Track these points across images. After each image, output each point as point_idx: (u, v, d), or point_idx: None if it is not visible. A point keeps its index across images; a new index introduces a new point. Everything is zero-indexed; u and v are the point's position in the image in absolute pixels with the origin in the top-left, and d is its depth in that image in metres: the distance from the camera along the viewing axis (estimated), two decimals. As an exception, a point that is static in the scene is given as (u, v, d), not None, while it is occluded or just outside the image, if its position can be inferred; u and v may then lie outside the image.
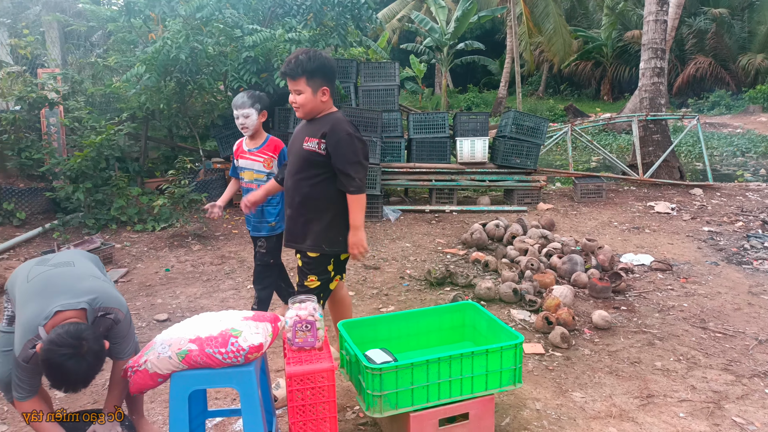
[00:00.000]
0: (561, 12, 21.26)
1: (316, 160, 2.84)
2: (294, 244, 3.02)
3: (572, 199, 8.03)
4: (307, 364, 2.37)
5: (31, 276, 2.33)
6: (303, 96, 2.81)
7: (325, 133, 2.80)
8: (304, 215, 2.92)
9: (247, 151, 3.68)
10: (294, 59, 2.77)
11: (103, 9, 7.52)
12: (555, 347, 3.70)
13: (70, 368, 2.01)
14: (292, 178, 2.95)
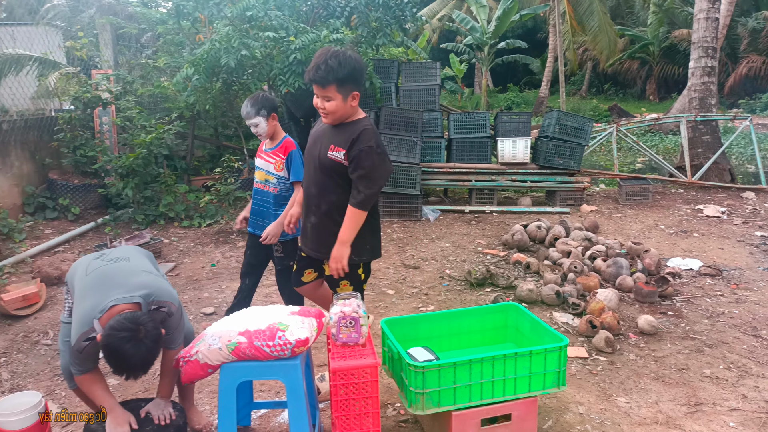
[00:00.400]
0: (606, 10, 20.78)
1: (341, 170, 2.70)
2: (319, 254, 2.87)
3: (617, 201, 7.86)
4: (351, 359, 2.41)
5: (90, 270, 2.43)
6: (333, 103, 2.62)
7: (352, 142, 2.64)
8: (331, 224, 2.78)
9: (264, 151, 3.58)
10: (323, 65, 2.55)
11: (153, 11, 7.77)
12: (599, 351, 3.65)
13: (129, 351, 2.09)
14: (315, 186, 2.80)
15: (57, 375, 3.41)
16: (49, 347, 3.78)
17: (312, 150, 2.82)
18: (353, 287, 2.90)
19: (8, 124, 6.22)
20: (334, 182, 2.74)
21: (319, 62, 2.57)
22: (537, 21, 26.02)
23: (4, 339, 3.89)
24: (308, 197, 2.87)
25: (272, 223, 3.47)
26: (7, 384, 3.33)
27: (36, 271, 4.83)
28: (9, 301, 4.15)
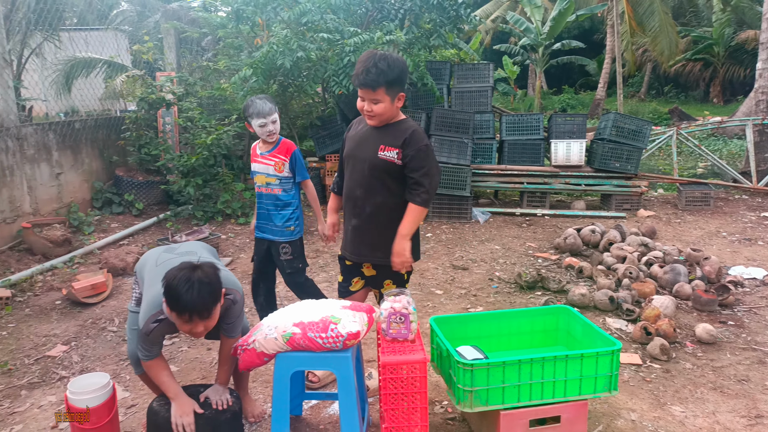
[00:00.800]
0: (667, 9, 20.05)
1: (392, 170, 2.70)
2: (361, 256, 2.88)
3: (676, 206, 7.60)
4: (401, 354, 2.45)
5: (160, 261, 2.58)
6: (382, 105, 2.63)
7: (404, 142, 2.66)
8: (375, 226, 2.79)
9: (260, 155, 3.50)
10: (373, 67, 2.56)
11: (214, 16, 8.06)
12: (653, 359, 3.56)
13: (193, 282, 2.14)
14: (361, 188, 2.78)
15: (122, 360, 3.61)
16: (115, 333, 4.00)
17: (356, 152, 2.80)
18: (396, 286, 2.92)
19: (80, 124, 6.60)
20: (382, 183, 2.74)
21: (368, 66, 2.58)
22: (594, 21, 25.36)
23: (75, 324, 4.14)
24: (351, 200, 2.84)
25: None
26: (78, 366, 3.55)
27: (103, 262, 5.11)
28: (79, 290, 4.42)
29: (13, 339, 3.91)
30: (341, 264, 3.05)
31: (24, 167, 5.64)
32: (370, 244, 2.83)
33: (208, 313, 2.23)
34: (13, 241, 5.42)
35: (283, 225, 3.51)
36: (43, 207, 5.90)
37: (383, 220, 2.78)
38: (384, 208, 2.77)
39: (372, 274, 2.94)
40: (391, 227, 2.77)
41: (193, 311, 2.17)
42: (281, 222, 3.51)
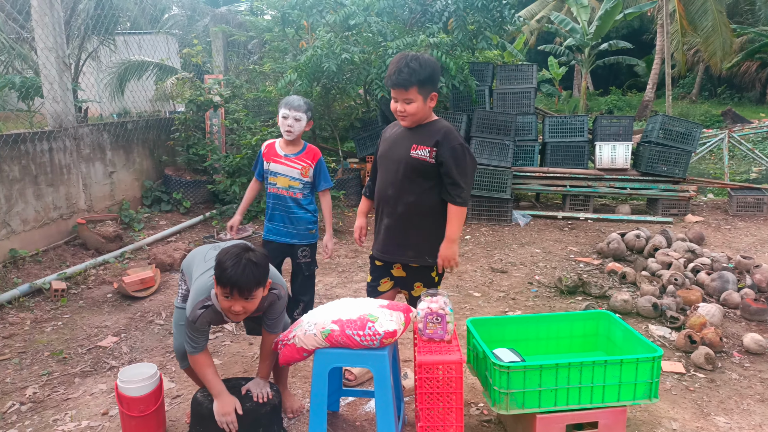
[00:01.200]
0: (722, 8, 19.31)
1: (424, 169, 2.73)
2: (392, 256, 2.91)
3: (726, 212, 7.34)
4: (438, 354, 2.48)
5: (208, 257, 2.68)
6: (414, 105, 2.68)
7: (437, 142, 2.70)
8: (407, 225, 2.82)
9: (284, 156, 3.45)
10: (405, 67, 2.62)
11: (261, 20, 8.25)
12: (697, 368, 3.46)
13: (242, 258, 2.25)
14: (393, 187, 2.81)
15: (168, 352, 3.75)
16: (162, 327, 4.16)
17: (389, 153, 2.86)
18: (426, 289, 2.94)
19: (132, 124, 6.88)
20: (414, 183, 2.77)
21: (400, 66, 2.64)
22: (643, 20, 24.66)
23: (125, 317, 4.33)
24: (383, 199, 2.88)
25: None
26: (127, 356, 3.72)
27: (151, 258, 5.32)
28: (129, 284, 4.61)
29: (68, 329, 4.12)
30: (371, 264, 3.09)
31: (80, 166, 5.92)
32: (401, 244, 2.86)
33: (249, 293, 2.29)
34: (68, 236, 5.70)
35: (305, 228, 3.53)
36: (96, 204, 6.18)
37: (415, 220, 2.81)
38: (416, 208, 2.80)
39: (401, 275, 2.97)
40: (423, 227, 2.82)
41: (235, 286, 2.25)
42: (303, 225, 3.52)
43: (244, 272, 2.24)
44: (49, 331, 4.08)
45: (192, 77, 8.19)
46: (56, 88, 5.57)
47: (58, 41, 5.51)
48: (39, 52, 5.48)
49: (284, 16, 7.12)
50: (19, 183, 5.13)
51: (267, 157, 3.50)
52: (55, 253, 5.39)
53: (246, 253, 2.28)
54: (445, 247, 2.78)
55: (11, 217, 5.04)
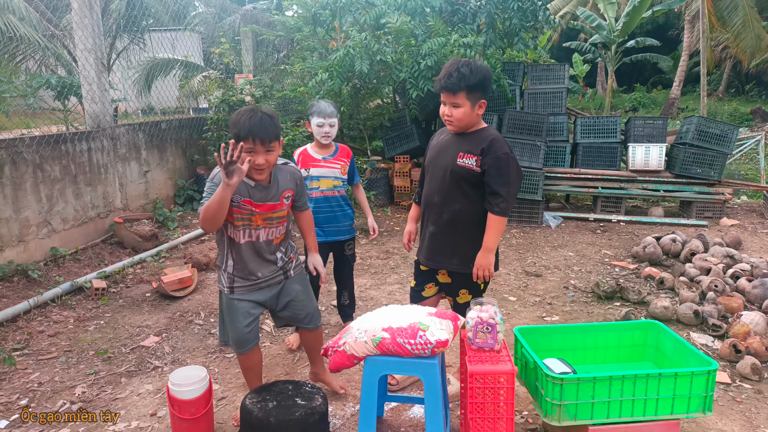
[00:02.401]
0: (752, 3, 18.91)
1: (470, 177, 2.74)
2: (437, 263, 2.92)
3: (762, 215, 7.20)
4: (489, 364, 2.47)
5: None
6: (461, 110, 2.71)
7: (483, 150, 2.70)
8: (452, 233, 2.84)
9: (323, 159, 3.59)
10: (455, 72, 2.66)
11: (290, 19, 8.29)
12: (744, 378, 3.41)
13: (257, 111, 2.50)
14: (439, 194, 2.83)
15: (210, 352, 3.81)
16: (201, 327, 4.22)
17: (436, 160, 2.89)
18: (472, 296, 2.96)
19: (166, 124, 6.96)
20: (461, 191, 2.78)
21: (450, 70, 2.68)
22: (669, 16, 24.25)
23: (164, 316, 4.39)
24: (429, 206, 2.90)
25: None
26: (169, 357, 3.77)
27: (188, 257, 5.38)
28: (168, 283, 4.68)
29: (110, 328, 4.20)
30: (416, 268, 3.10)
31: (117, 165, 6.01)
32: (447, 251, 2.87)
33: (270, 142, 2.47)
34: (105, 234, 5.80)
35: (349, 223, 3.74)
36: (132, 203, 6.28)
37: (461, 228, 2.82)
38: (461, 216, 2.81)
39: (447, 281, 3.00)
40: (468, 235, 2.82)
41: (257, 135, 2.41)
42: (348, 221, 3.71)
43: (262, 122, 2.44)
44: (92, 330, 4.16)
45: (223, 77, 8.25)
46: (95, 89, 5.66)
47: (97, 43, 5.60)
48: (78, 53, 5.57)
49: (315, 17, 7.14)
50: (60, 182, 5.23)
51: (305, 164, 3.60)
52: (93, 252, 5.49)
53: (258, 109, 2.52)
54: (481, 256, 2.79)
55: (52, 216, 5.15)
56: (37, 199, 4.98)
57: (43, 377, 3.48)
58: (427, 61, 6.35)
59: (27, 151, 4.86)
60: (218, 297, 3.05)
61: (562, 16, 23.47)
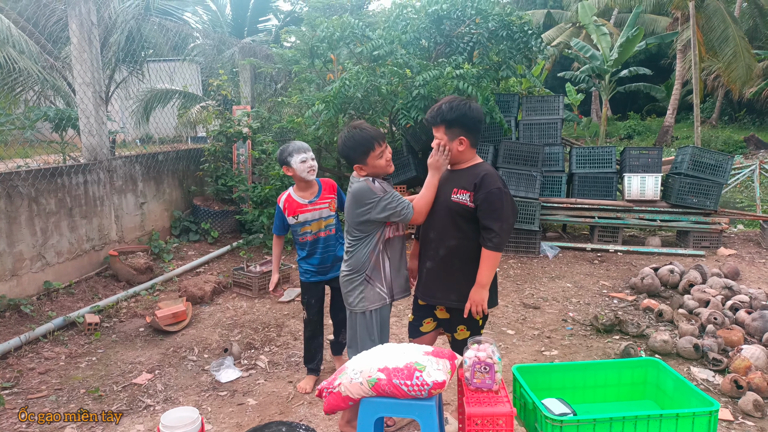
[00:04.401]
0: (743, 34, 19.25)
1: (465, 213, 2.76)
2: (434, 299, 2.93)
3: (759, 244, 7.20)
4: (487, 406, 2.42)
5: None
6: (451, 143, 2.81)
7: (476, 185, 2.73)
8: (449, 269, 2.84)
9: (308, 203, 3.54)
10: (437, 108, 2.81)
11: (288, 52, 8.38)
12: (746, 415, 3.36)
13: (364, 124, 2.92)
14: (434, 230, 2.86)
15: (203, 390, 3.74)
16: (195, 363, 4.15)
17: (437, 196, 2.90)
18: (470, 332, 2.92)
19: (163, 156, 6.97)
20: (456, 226, 2.79)
21: (435, 106, 2.85)
22: (661, 46, 24.67)
23: (158, 352, 4.33)
24: (426, 242, 2.92)
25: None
26: (161, 395, 3.70)
27: (182, 291, 5.33)
28: (161, 318, 4.62)
29: (102, 365, 4.13)
30: (414, 303, 3.09)
31: (113, 197, 6.00)
32: (444, 287, 2.87)
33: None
34: (100, 267, 5.75)
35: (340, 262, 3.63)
36: (127, 235, 6.24)
37: (457, 263, 2.82)
38: (457, 251, 2.81)
39: (445, 317, 2.98)
40: (465, 270, 2.81)
41: (382, 138, 2.89)
42: (339, 260, 3.60)
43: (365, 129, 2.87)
44: (84, 367, 4.09)
45: (220, 108, 8.30)
46: (92, 122, 5.68)
47: (95, 76, 5.64)
48: (77, 86, 5.60)
49: (312, 49, 7.23)
50: (55, 215, 5.21)
51: (291, 211, 3.55)
52: (87, 285, 5.43)
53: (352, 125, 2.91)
54: (474, 291, 2.77)
55: (46, 249, 5.11)
56: (31, 233, 4.94)
57: (32, 418, 3.40)
58: (420, 90, 6.42)
59: (23, 184, 4.84)
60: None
61: (556, 45, 23.88)
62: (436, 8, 7.21)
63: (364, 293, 2.96)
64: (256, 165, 7.70)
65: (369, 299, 2.96)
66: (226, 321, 4.92)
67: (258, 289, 5.49)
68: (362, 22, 7.50)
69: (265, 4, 14.61)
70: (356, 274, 2.95)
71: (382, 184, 2.87)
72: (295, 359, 4.19)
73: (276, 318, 4.98)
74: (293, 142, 3.53)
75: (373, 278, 2.95)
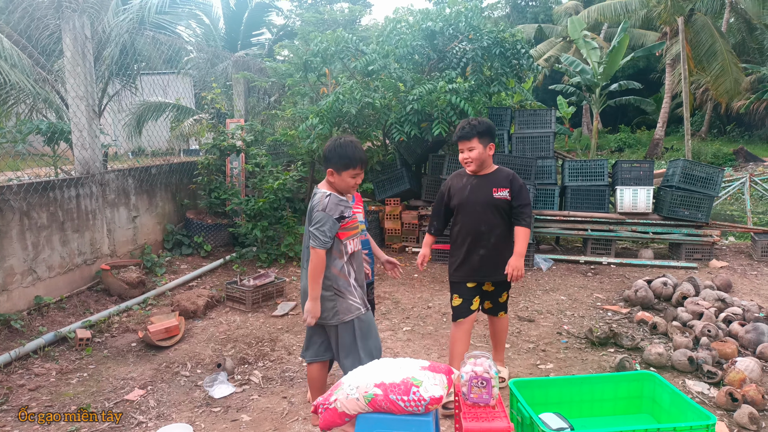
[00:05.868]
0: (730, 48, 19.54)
1: (504, 206, 3.55)
2: (488, 277, 3.65)
3: (750, 256, 7.25)
4: (484, 421, 2.41)
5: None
6: (476, 152, 3.51)
7: (511, 182, 3.56)
8: (499, 251, 3.58)
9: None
10: (467, 125, 3.52)
11: (282, 65, 8.42)
12: (741, 428, 3.36)
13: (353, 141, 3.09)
14: (486, 224, 3.57)
15: (196, 406, 3.69)
16: (188, 378, 4.10)
17: (471, 199, 3.59)
18: (508, 296, 3.83)
19: (156, 169, 6.95)
20: (499, 217, 3.57)
21: (464, 124, 3.55)
22: (650, 60, 24.99)
23: (150, 368, 4.28)
24: (477, 234, 3.59)
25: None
26: (154, 411, 3.65)
27: (175, 305, 5.29)
28: (154, 333, 4.57)
29: (93, 381, 4.07)
30: (461, 288, 3.68)
31: (105, 211, 5.96)
32: (496, 265, 3.59)
33: (364, 166, 3.12)
34: (92, 281, 5.70)
35: (371, 265, 3.74)
36: (119, 248, 6.20)
37: (502, 246, 3.60)
38: (502, 237, 3.60)
39: (491, 289, 3.74)
40: (509, 249, 3.58)
41: (362, 161, 3.05)
42: (370, 266, 3.71)
43: (358, 148, 3.06)
44: (75, 383, 4.03)
45: (213, 121, 8.30)
46: (85, 136, 5.66)
47: (88, 90, 5.63)
48: (70, 100, 5.59)
49: (306, 63, 7.26)
50: (47, 230, 5.16)
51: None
52: (78, 300, 5.38)
53: (349, 138, 3.10)
54: (514, 260, 3.49)
55: (38, 263, 5.06)
56: (22, 247, 4.90)
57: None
58: (414, 105, 6.45)
59: (14, 198, 4.81)
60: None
61: (547, 59, 24.14)
62: (430, 24, 7.29)
63: (337, 307, 3.09)
64: (249, 178, 7.69)
65: (342, 312, 3.09)
66: (219, 335, 4.88)
67: (251, 302, 5.45)
68: (356, 36, 7.56)
69: (258, 19, 14.68)
70: (325, 291, 3.07)
71: (336, 204, 3.05)
72: (290, 374, 4.15)
73: (270, 332, 4.95)
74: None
75: (342, 291, 3.09)
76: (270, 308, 5.53)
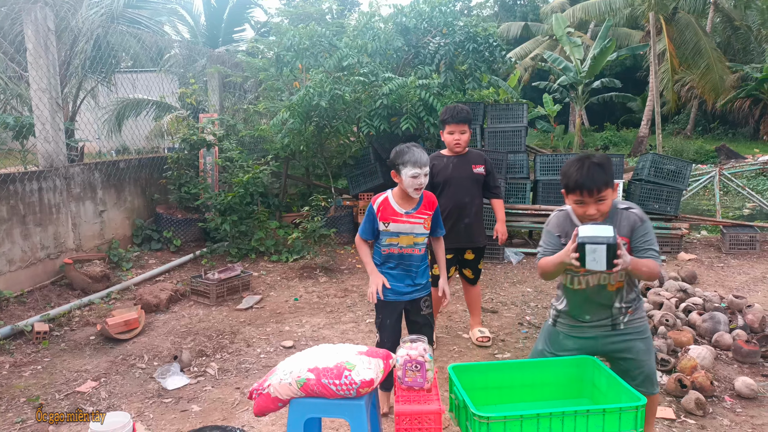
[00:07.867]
0: (715, 47, 19.69)
1: (481, 180, 4.21)
2: (473, 243, 4.29)
3: (719, 249, 7.30)
4: (416, 404, 2.42)
5: None
6: (467, 135, 4.14)
7: (485, 160, 4.23)
8: (479, 220, 4.29)
9: (404, 214, 3.17)
10: (463, 110, 4.10)
11: (257, 60, 8.39)
12: (688, 413, 3.38)
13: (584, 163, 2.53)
14: (468, 196, 4.16)
15: (148, 398, 3.67)
16: (143, 371, 4.08)
17: (455, 174, 4.12)
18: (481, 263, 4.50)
19: (125, 163, 6.91)
20: (477, 190, 4.22)
21: (459, 109, 4.10)
22: (636, 59, 25.14)
23: (106, 360, 4.25)
24: (462, 205, 4.13)
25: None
26: (105, 402, 3.63)
27: (138, 299, 5.26)
28: (112, 325, 4.54)
29: (47, 373, 4.04)
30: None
31: (70, 205, 5.91)
32: (478, 233, 4.30)
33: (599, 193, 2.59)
34: (55, 276, 5.65)
35: (426, 280, 3.34)
36: (85, 243, 6.15)
37: (480, 215, 4.30)
38: (479, 207, 4.28)
39: (471, 257, 4.36)
40: (482, 220, 4.34)
41: (583, 187, 2.51)
42: (425, 278, 3.33)
43: (589, 172, 2.44)
44: (27, 376, 4.00)
45: (188, 116, 8.27)
46: (48, 129, 5.61)
47: (51, 83, 5.58)
48: (32, 93, 5.55)
49: (279, 57, 7.24)
50: (7, 223, 5.12)
51: (384, 217, 3.19)
52: (40, 294, 5.34)
53: (588, 158, 2.52)
54: (501, 225, 4.38)
55: (-3, 257, 5.01)
56: (-19, 240, 4.85)
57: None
58: (383, 100, 6.45)
59: (-28, 191, 4.76)
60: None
61: (532, 57, 24.23)
62: (404, 20, 7.29)
63: None
64: (222, 173, 7.66)
65: None
66: (180, 329, 4.86)
67: (216, 296, 5.43)
68: (329, 31, 7.55)
69: (240, 15, 14.61)
70: None
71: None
72: (246, 366, 4.14)
73: (231, 325, 4.93)
74: (413, 150, 3.07)
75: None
76: (235, 302, 5.51)
